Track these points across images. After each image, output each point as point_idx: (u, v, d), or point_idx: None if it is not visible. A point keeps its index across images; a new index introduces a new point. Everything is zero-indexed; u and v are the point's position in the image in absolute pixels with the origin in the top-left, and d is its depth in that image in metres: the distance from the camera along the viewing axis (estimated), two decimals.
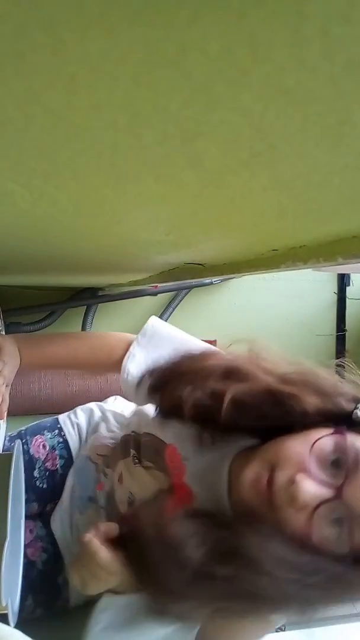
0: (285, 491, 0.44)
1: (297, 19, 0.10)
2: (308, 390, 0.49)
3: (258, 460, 0.48)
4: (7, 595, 0.44)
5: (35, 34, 0.11)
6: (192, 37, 0.11)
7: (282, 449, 0.47)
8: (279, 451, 0.47)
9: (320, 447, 0.46)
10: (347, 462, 0.44)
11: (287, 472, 0.45)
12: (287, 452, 0.46)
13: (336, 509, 0.44)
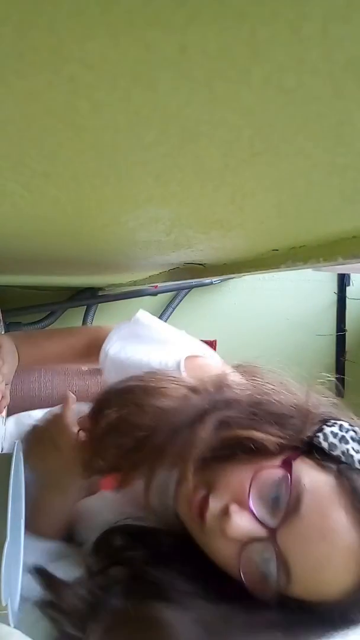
0: (217, 520, 0.41)
1: (297, 19, 0.10)
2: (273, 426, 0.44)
3: (199, 476, 0.43)
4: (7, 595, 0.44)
5: (35, 34, 0.11)
6: (192, 36, 0.11)
7: (225, 473, 0.43)
8: (221, 474, 0.43)
9: (263, 479, 0.41)
10: (288, 501, 0.39)
11: (223, 499, 0.41)
12: (228, 478, 0.42)
13: (267, 549, 0.40)
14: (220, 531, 0.40)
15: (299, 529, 0.39)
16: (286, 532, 0.39)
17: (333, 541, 0.38)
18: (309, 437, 0.43)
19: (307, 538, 0.38)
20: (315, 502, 0.39)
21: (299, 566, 0.39)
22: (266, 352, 1.52)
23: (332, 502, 0.39)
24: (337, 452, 0.41)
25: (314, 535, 0.38)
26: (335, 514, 0.39)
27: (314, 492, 0.40)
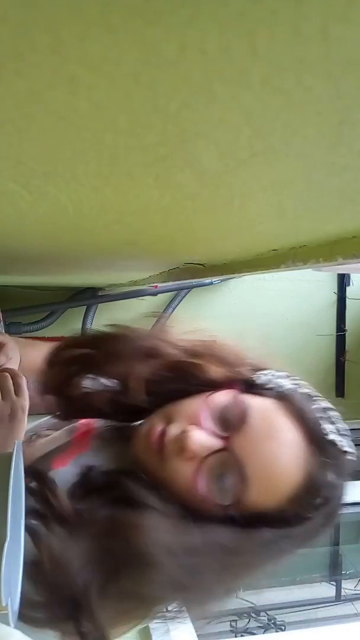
0: (176, 441, 0.44)
1: (297, 19, 0.10)
2: (213, 361, 0.50)
3: (156, 415, 0.48)
4: (7, 595, 0.44)
5: (35, 35, 0.11)
6: (191, 36, 0.11)
7: (179, 406, 0.47)
8: (175, 407, 0.47)
9: (213, 401, 0.46)
10: (236, 415, 0.44)
11: (180, 424, 0.45)
12: (183, 408, 0.47)
13: (224, 461, 0.44)
14: (180, 449, 0.44)
15: (249, 434, 0.44)
16: (239, 439, 0.44)
17: (280, 438, 0.44)
18: (248, 378, 0.49)
19: (258, 440, 0.43)
20: (260, 411, 0.45)
21: (253, 467, 0.43)
22: None
23: (274, 409, 0.45)
24: (272, 385, 0.48)
25: (264, 435, 0.43)
26: (279, 418, 0.45)
27: (259, 407, 0.45)
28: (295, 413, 0.45)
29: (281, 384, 0.48)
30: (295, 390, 0.48)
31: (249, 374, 0.49)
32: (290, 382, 0.49)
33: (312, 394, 0.50)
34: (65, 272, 0.86)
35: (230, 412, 0.45)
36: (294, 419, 0.45)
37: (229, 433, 0.44)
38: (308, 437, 0.44)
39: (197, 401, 0.47)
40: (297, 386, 0.49)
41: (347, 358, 1.56)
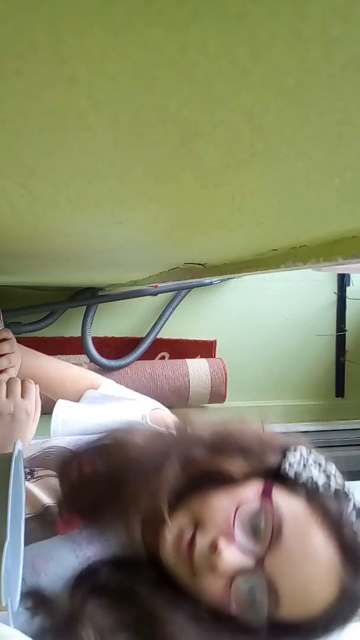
0: (206, 557, 0.43)
1: (298, 19, 0.10)
2: (235, 454, 0.48)
3: (183, 515, 0.46)
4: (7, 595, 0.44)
5: (35, 34, 0.11)
6: (192, 36, 0.11)
7: (208, 506, 0.45)
8: (204, 508, 0.45)
9: (245, 510, 0.44)
10: (271, 530, 0.42)
11: (210, 534, 0.43)
12: (212, 511, 0.44)
13: (256, 579, 0.42)
14: (211, 567, 0.42)
15: (283, 554, 0.42)
16: (272, 559, 0.42)
17: (315, 559, 0.42)
18: (275, 467, 0.47)
19: (292, 561, 0.42)
20: (294, 527, 0.43)
21: (287, 588, 0.41)
22: (266, 352, 1.52)
23: (308, 523, 0.43)
24: (302, 480, 0.46)
25: (297, 557, 0.42)
26: (313, 534, 0.43)
27: (292, 517, 0.43)
28: (332, 524, 0.43)
29: (312, 475, 0.46)
30: (328, 487, 0.46)
31: (276, 461, 0.47)
32: (320, 473, 0.47)
33: (345, 492, 0.46)
34: (64, 272, 0.86)
35: (263, 521, 0.43)
36: (330, 532, 0.43)
37: (261, 548, 0.42)
38: (345, 555, 0.43)
39: (227, 503, 0.44)
40: (327, 478, 0.46)
41: (347, 358, 1.56)
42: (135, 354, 1.35)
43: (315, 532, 0.43)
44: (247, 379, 1.50)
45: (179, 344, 1.46)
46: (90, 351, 1.28)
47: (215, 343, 1.49)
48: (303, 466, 0.47)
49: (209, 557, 0.42)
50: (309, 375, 1.56)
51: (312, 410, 1.54)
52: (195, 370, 1.37)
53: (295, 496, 0.45)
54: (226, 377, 1.39)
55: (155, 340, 1.40)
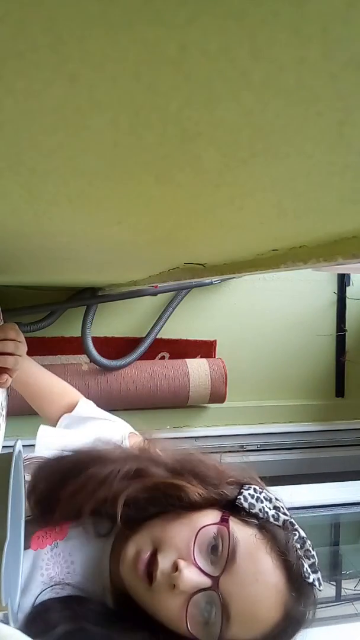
0: (167, 576, 0.46)
1: (298, 19, 0.10)
2: (194, 481, 0.53)
3: (142, 536, 0.49)
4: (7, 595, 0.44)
5: (35, 34, 0.11)
6: (192, 36, 0.11)
7: (167, 531, 0.49)
8: (163, 532, 0.49)
9: (204, 535, 0.48)
10: (226, 552, 0.47)
11: (170, 556, 0.47)
12: (172, 536, 0.48)
13: (210, 598, 0.46)
14: (170, 586, 0.46)
15: (236, 575, 0.46)
16: (226, 579, 0.46)
17: (264, 582, 0.46)
18: (231, 498, 0.52)
19: (244, 582, 0.46)
20: (247, 551, 0.47)
21: (238, 607, 0.46)
22: (266, 352, 1.52)
23: (259, 549, 0.48)
24: (255, 510, 0.51)
25: (249, 579, 0.46)
26: (263, 559, 0.47)
27: (245, 544, 0.48)
28: (279, 552, 0.48)
29: (263, 508, 0.51)
30: (278, 518, 0.51)
31: (231, 493, 0.52)
32: (271, 506, 0.52)
33: (292, 522, 0.52)
34: (64, 271, 0.86)
35: (219, 545, 0.48)
36: (278, 559, 0.48)
37: (217, 571, 0.47)
38: (290, 580, 0.48)
39: (187, 529, 0.49)
40: (276, 511, 0.52)
41: (347, 358, 1.56)
42: (135, 354, 1.35)
43: (265, 558, 0.47)
44: (247, 379, 1.50)
45: (179, 344, 1.46)
46: (90, 351, 1.28)
47: (215, 343, 1.49)
48: (256, 499, 0.52)
49: (169, 576, 0.46)
50: (308, 375, 1.56)
51: (312, 410, 1.54)
52: (195, 370, 1.37)
53: (248, 525, 0.50)
54: (226, 377, 1.39)
55: (155, 340, 1.40)
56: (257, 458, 1.45)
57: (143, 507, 0.51)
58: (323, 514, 1.16)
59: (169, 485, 0.52)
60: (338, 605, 1.10)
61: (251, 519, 0.50)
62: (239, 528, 0.49)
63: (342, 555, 1.32)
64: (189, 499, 0.50)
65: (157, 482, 0.52)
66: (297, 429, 1.51)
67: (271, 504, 0.52)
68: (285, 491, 1.13)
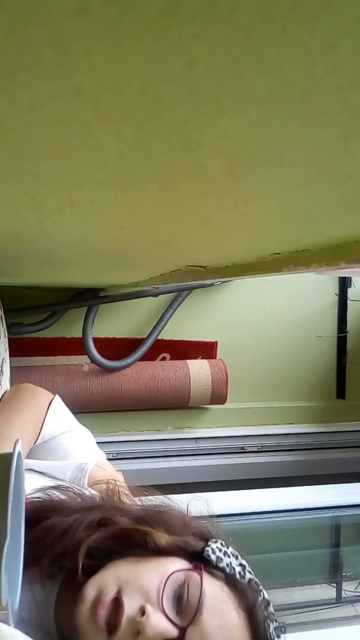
0: (132, 622, 0.43)
1: (306, 35, 0.10)
2: (159, 529, 0.51)
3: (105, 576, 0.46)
4: (7, 595, 0.44)
5: (41, 48, 0.11)
6: (199, 51, 0.10)
7: (134, 572, 0.46)
8: (130, 573, 0.46)
9: (173, 580, 0.46)
10: (196, 602, 0.45)
11: (137, 600, 0.44)
12: (139, 578, 0.46)
13: None
14: (134, 633, 0.43)
15: (203, 628, 0.44)
16: (193, 631, 0.44)
17: (230, 636, 0.45)
18: (198, 550, 0.50)
19: (210, 635, 0.44)
20: (215, 604, 0.46)
21: None
22: (267, 353, 1.52)
23: (226, 603, 0.46)
24: (222, 565, 0.49)
25: (215, 632, 0.44)
26: (230, 613, 0.46)
27: (213, 597, 0.46)
28: (246, 610, 0.47)
29: (230, 564, 0.50)
30: (244, 576, 0.50)
31: (197, 545, 0.50)
32: (237, 563, 0.50)
33: (257, 582, 0.51)
34: (66, 273, 0.86)
35: (187, 594, 0.45)
36: (244, 616, 0.47)
37: (184, 622, 0.44)
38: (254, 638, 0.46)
39: (154, 573, 0.46)
40: (242, 568, 0.50)
41: (348, 359, 1.56)
42: (136, 354, 1.35)
43: (232, 613, 0.46)
44: (248, 380, 1.50)
45: (180, 344, 1.46)
46: (91, 352, 1.28)
47: (217, 344, 1.49)
48: (223, 553, 0.50)
49: (136, 621, 0.43)
50: (309, 376, 1.55)
51: (313, 412, 1.54)
52: (196, 371, 1.37)
53: (216, 578, 0.48)
54: (227, 378, 1.39)
55: (156, 341, 1.40)
56: (257, 459, 1.45)
57: (106, 552, 0.49)
58: (324, 516, 1.16)
59: (134, 532, 0.50)
60: (338, 607, 1.10)
61: (218, 572, 0.49)
62: (207, 579, 0.47)
63: (342, 557, 1.32)
64: (155, 543, 0.49)
65: (121, 530, 0.50)
66: (298, 430, 1.51)
67: (237, 561, 0.51)
68: (286, 492, 1.13)
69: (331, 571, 1.28)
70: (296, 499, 1.11)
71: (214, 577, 0.48)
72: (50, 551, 0.50)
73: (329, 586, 1.17)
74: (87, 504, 0.55)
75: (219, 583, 0.48)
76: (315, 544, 1.30)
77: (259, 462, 1.45)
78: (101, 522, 0.51)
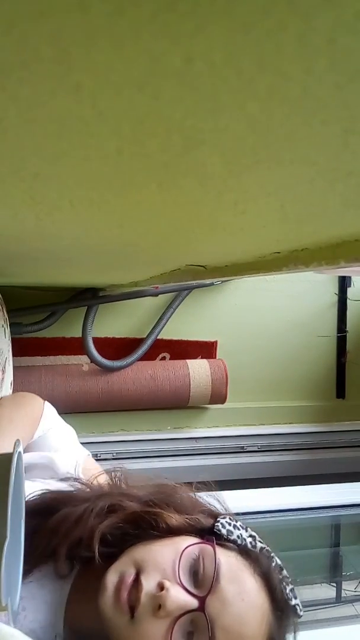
0: (153, 598, 0.44)
1: (305, 30, 0.10)
2: (169, 510, 0.52)
3: (123, 561, 0.47)
4: (7, 595, 0.44)
5: (39, 45, 0.11)
6: (198, 47, 0.10)
7: (149, 553, 0.48)
8: (145, 554, 0.47)
9: (188, 556, 0.47)
10: (212, 573, 0.46)
11: (154, 576, 0.45)
12: (154, 557, 0.47)
13: (195, 620, 0.45)
14: (155, 609, 0.44)
15: (222, 596, 0.45)
16: (212, 600, 0.45)
17: (250, 602, 0.46)
18: (208, 526, 0.51)
19: (230, 601, 0.45)
20: (230, 572, 0.47)
21: (224, 629, 0.45)
22: (267, 353, 1.52)
23: (242, 571, 0.48)
24: (233, 537, 0.51)
25: (235, 600, 0.45)
26: (247, 580, 0.47)
27: (228, 566, 0.47)
28: (262, 575, 0.48)
29: (241, 535, 0.51)
30: (255, 545, 0.51)
31: (207, 522, 0.52)
32: (247, 534, 0.52)
33: (268, 550, 0.52)
34: (65, 272, 0.86)
35: (202, 567, 0.47)
36: (261, 581, 0.48)
37: (202, 592, 0.45)
38: (274, 601, 0.48)
39: (168, 550, 0.47)
40: (252, 539, 0.52)
41: (347, 359, 1.56)
42: (136, 354, 1.35)
43: (249, 580, 0.47)
44: (248, 380, 1.50)
45: (180, 344, 1.46)
46: (91, 352, 1.28)
47: (216, 344, 1.49)
48: (233, 527, 0.52)
49: (154, 596, 0.44)
50: (309, 376, 1.55)
51: (313, 412, 1.54)
52: (196, 371, 1.37)
53: (229, 549, 0.50)
54: (227, 378, 1.39)
55: (156, 341, 1.40)
56: (257, 459, 1.45)
57: (120, 539, 0.50)
58: (324, 515, 1.16)
59: (145, 514, 0.51)
60: (338, 606, 1.10)
61: (231, 544, 0.50)
62: (221, 551, 0.49)
63: (342, 556, 1.32)
64: (166, 524, 0.50)
65: (132, 513, 0.52)
66: (297, 430, 1.51)
67: (247, 533, 0.52)
68: (286, 492, 1.13)
69: (331, 571, 1.28)
70: (296, 499, 1.11)
71: (227, 549, 0.49)
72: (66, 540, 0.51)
73: (329, 586, 1.17)
74: (95, 492, 0.57)
75: (232, 553, 0.49)
76: (315, 543, 1.30)
77: (258, 462, 1.45)
78: (112, 509, 0.53)
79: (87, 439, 1.36)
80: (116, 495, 0.55)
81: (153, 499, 0.54)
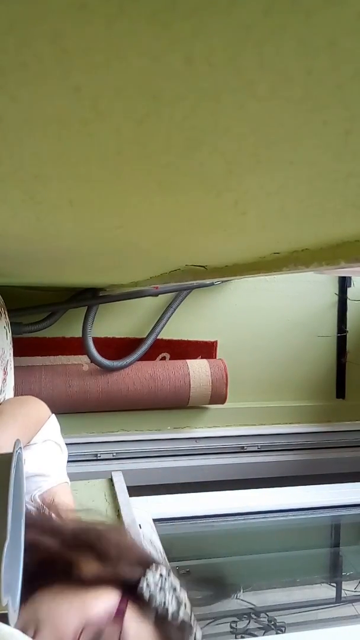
0: None
1: (306, 31, 0.10)
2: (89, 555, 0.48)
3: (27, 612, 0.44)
4: (7, 595, 0.44)
5: (39, 45, 0.10)
6: (198, 48, 0.10)
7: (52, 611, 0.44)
8: (48, 612, 0.44)
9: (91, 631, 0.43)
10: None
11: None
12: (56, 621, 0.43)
13: None
14: None
15: None
16: None
17: None
18: (133, 581, 0.46)
19: None
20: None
21: None
22: (267, 353, 1.52)
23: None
24: (155, 604, 0.45)
25: None
26: None
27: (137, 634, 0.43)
28: None
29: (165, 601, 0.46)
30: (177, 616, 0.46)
31: (132, 575, 0.47)
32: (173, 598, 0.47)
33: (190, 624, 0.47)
34: (65, 273, 0.86)
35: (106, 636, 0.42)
36: None
37: None
38: None
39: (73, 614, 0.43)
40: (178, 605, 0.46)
41: (347, 359, 1.56)
42: (136, 354, 1.35)
43: None
44: (247, 380, 1.50)
45: (180, 344, 1.46)
46: (91, 352, 1.28)
47: (216, 344, 1.49)
48: (159, 588, 0.46)
49: None
50: (309, 376, 1.55)
51: (313, 412, 1.54)
52: (196, 370, 1.37)
53: (145, 619, 0.45)
54: (227, 378, 1.39)
55: (156, 341, 1.40)
56: (257, 459, 1.45)
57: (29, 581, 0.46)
58: (324, 515, 1.16)
59: (60, 558, 0.47)
60: (338, 606, 1.10)
61: (150, 611, 0.45)
62: (134, 622, 0.44)
63: (342, 556, 1.32)
64: (80, 574, 0.46)
65: (47, 555, 0.48)
66: (297, 430, 1.51)
67: (174, 595, 0.47)
68: (287, 492, 1.13)
69: (331, 571, 1.29)
70: (296, 499, 1.11)
71: (144, 618, 0.45)
72: None
73: (329, 586, 1.17)
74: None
75: (147, 626, 0.45)
76: (315, 543, 1.30)
77: (258, 462, 1.45)
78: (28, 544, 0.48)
79: (87, 439, 1.36)
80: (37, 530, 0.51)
81: (76, 541, 0.49)
